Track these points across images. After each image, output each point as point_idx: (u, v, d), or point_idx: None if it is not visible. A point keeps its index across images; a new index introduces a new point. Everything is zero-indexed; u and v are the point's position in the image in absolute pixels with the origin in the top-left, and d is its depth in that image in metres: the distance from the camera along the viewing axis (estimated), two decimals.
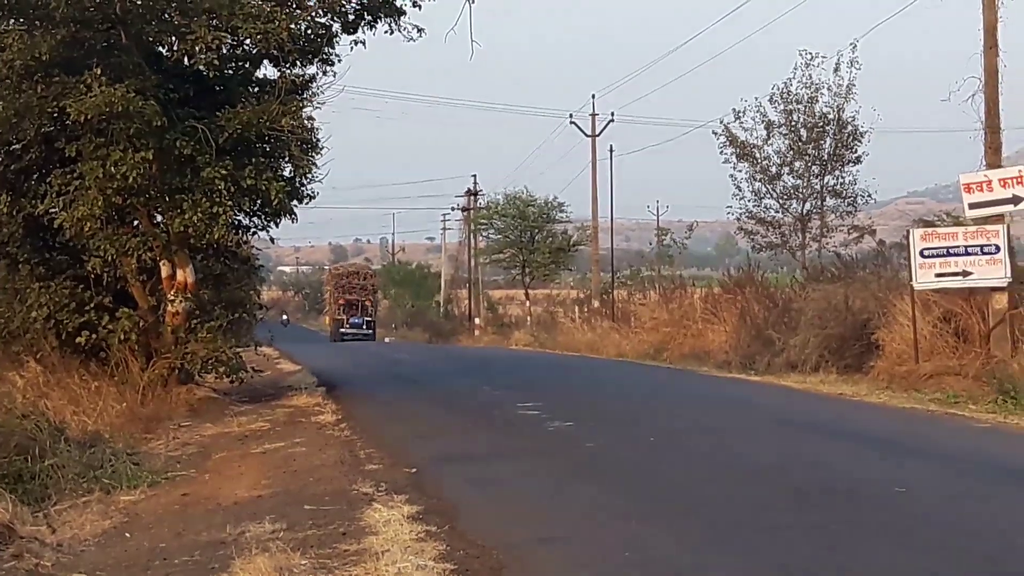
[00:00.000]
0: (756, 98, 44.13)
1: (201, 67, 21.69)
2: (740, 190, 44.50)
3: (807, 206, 43.90)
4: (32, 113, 20.76)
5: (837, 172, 43.43)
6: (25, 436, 15.58)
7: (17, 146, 22.07)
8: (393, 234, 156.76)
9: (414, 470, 14.74)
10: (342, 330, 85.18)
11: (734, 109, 44.19)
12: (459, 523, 11.43)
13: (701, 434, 18.48)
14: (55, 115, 20.93)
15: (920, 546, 10.31)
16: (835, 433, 18.42)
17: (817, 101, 42.97)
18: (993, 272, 23.83)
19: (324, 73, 23.88)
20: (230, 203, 21.41)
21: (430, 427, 20.09)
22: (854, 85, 42.52)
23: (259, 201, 22.55)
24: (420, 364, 38.65)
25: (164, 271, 22.65)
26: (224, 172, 21.13)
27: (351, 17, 23.37)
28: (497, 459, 16.07)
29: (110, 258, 21.91)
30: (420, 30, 23.63)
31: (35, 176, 22.61)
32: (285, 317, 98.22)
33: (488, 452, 16.80)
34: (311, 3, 22.62)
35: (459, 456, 16.29)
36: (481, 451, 16.92)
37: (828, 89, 42.78)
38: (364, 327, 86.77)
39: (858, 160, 43.32)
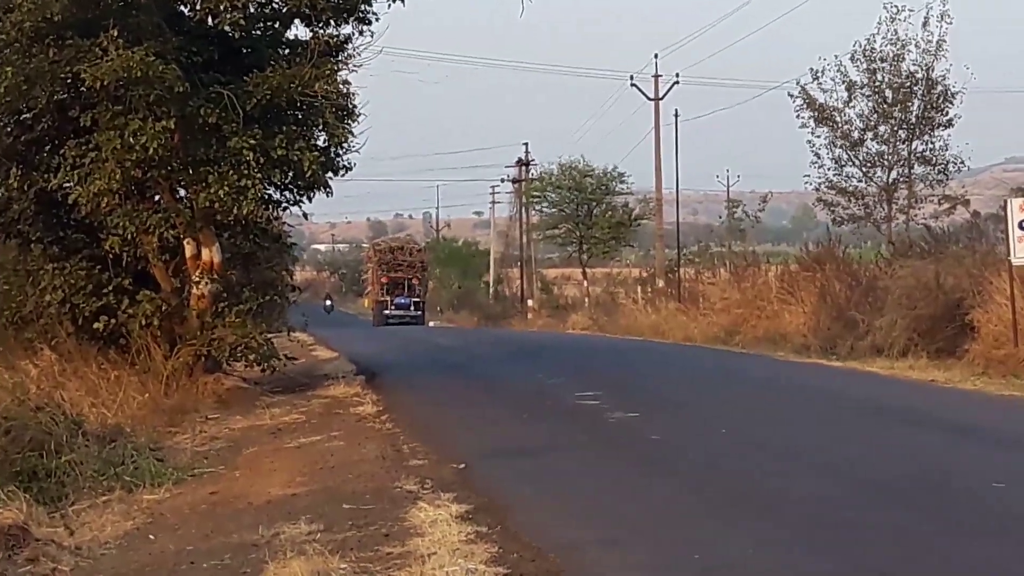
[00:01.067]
0: (836, 56, 44.01)
1: (226, 27, 21.73)
2: (819, 157, 44.52)
3: (893, 174, 43.84)
4: (44, 79, 20.85)
5: (926, 137, 43.37)
6: (40, 430, 15.69)
7: (28, 115, 22.15)
8: (437, 208, 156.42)
9: (462, 465, 14.76)
10: (386, 312, 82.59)
11: (812, 69, 44.23)
12: (512, 523, 11.43)
13: (777, 425, 18.45)
14: (68, 81, 21.01)
15: (1017, 545, 10.26)
16: (925, 423, 18.36)
17: (904, 59, 42.91)
18: None
19: (361, 33, 23.86)
20: (259, 175, 21.45)
21: (479, 419, 20.12)
22: (945, 41, 42.45)
23: (291, 173, 22.57)
24: (468, 350, 38.73)
25: (188, 250, 22.73)
26: (252, 142, 21.17)
27: None
28: (553, 453, 16.08)
29: (129, 236, 21.98)
30: None
31: (47, 148, 22.69)
32: (329, 302, 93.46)
33: (543, 445, 16.80)
34: None
35: (511, 450, 16.32)
36: (536, 444, 16.92)
37: (916, 45, 42.74)
38: (411, 308, 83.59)
39: (949, 123, 43.23)
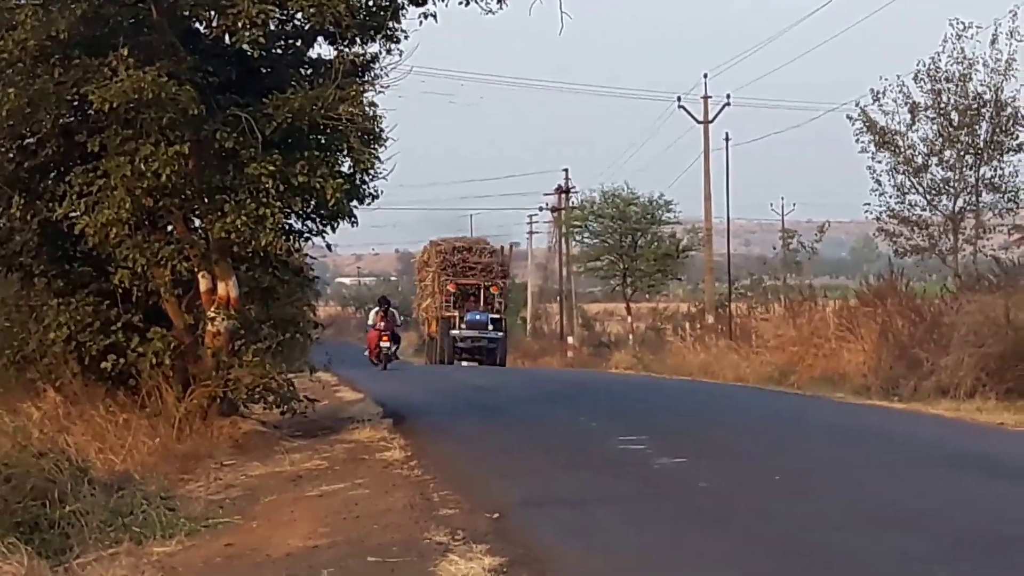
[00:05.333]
0: (898, 76, 43.93)
1: (245, 46, 21.74)
2: (880, 184, 44.46)
3: (959, 202, 43.75)
4: (48, 102, 20.89)
5: (995, 162, 43.29)
6: (43, 478, 15.67)
7: (32, 140, 22.22)
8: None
9: (497, 515, 14.69)
10: (453, 333, 67.29)
11: (872, 89, 44.17)
12: None
13: (836, 473, 18.35)
14: (75, 104, 21.07)
15: None
16: (995, 471, 18.24)
17: (971, 79, 42.83)
18: None
19: (389, 52, 23.87)
20: (279, 204, 21.45)
21: (515, 465, 20.05)
22: (1015, 60, 42.30)
23: (313, 201, 22.57)
24: (503, 390, 38.66)
25: (203, 284, 22.74)
26: (272, 168, 21.17)
27: None
28: (595, 503, 16.01)
29: (140, 269, 21.99)
30: (500, 1, 23.62)
31: (52, 175, 22.74)
32: (395, 346, 61.08)
33: (584, 494, 16.74)
34: None
35: (550, 499, 16.25)
36: (576, 493, 16.85)
37: (984, 65, 42.63)
38: (488, 328, 67.65)
39: (1020, 148, 43.11)
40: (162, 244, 22.16)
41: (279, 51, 23.13)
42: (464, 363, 65.35)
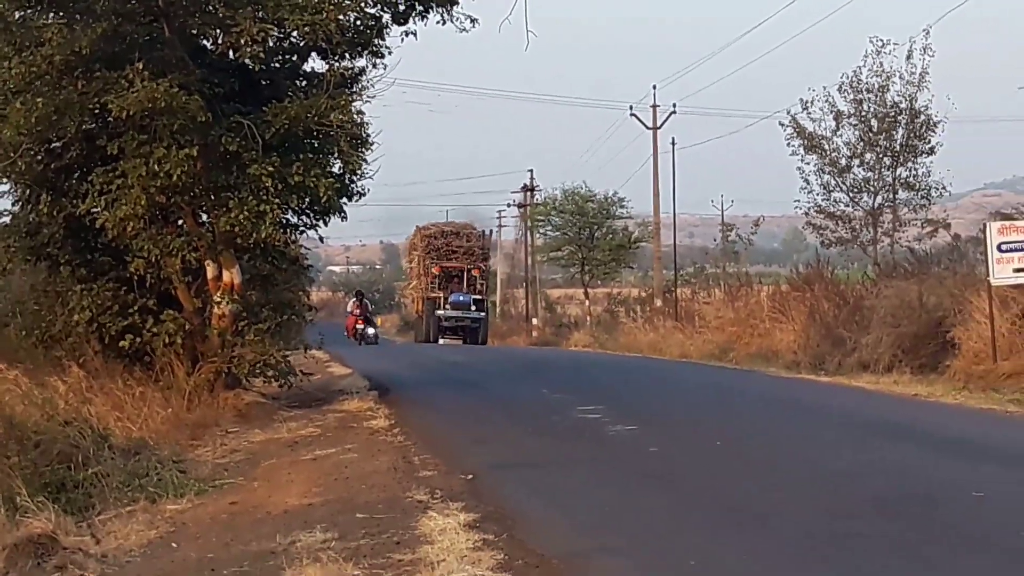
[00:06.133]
0: (824, 87, 44.12)
1: (247, 60, 21.68)
2: (808, 183, 44.53)
3: (878, 199, 43.84)
4: (72, 110, 20.80)
5: (910, 164, 43.38)
6: (68, 444, 15.64)
7: (57, 144, 22.12)
8: None
9: (470, 476, 14.70)
10: (439, 313, 63.62)
11: (801, 99, 44.21)
12: (518, 531, 11.38)
13: (770, 439, 18.38)
14: (96, 112, 20.96)
15: (1003, 555, 10.20)
16: (910, 436, 18.29)
17: (888, 90, 42.94)
18: None
19: (374, 66, 23.84)
20: (277, 201, 21.41)
21: (487, 432, 20.05)
22: (927, 73, 42.47)
23: (307, 199, 22.52)
24: (476, 366, 38.61)
25: (210, 272, 22.68)
26: (271, 169, 21.13)
27: (402, 7, 23.32)
28: (557, 465, 16.03)
29: (154, 259, 21.92)
30: (473, 20, 23.59)
31: (76, 175, 22.65)
32: (372, 330, 62.16)
33: (548, 458, 16.76)
34: None
35: (517, 462, 16.26)
36: (540, 456, 16.87)
37: (900, 77, 42.75)
38: (471, 308, 64.34)
39: (932, 151, 43.24)
40: (173, 236, 22.10)
41: (277, 65, 23.09)
42: (443, 341, 63.18)
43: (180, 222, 22.74)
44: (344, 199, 23.43)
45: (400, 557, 10.59)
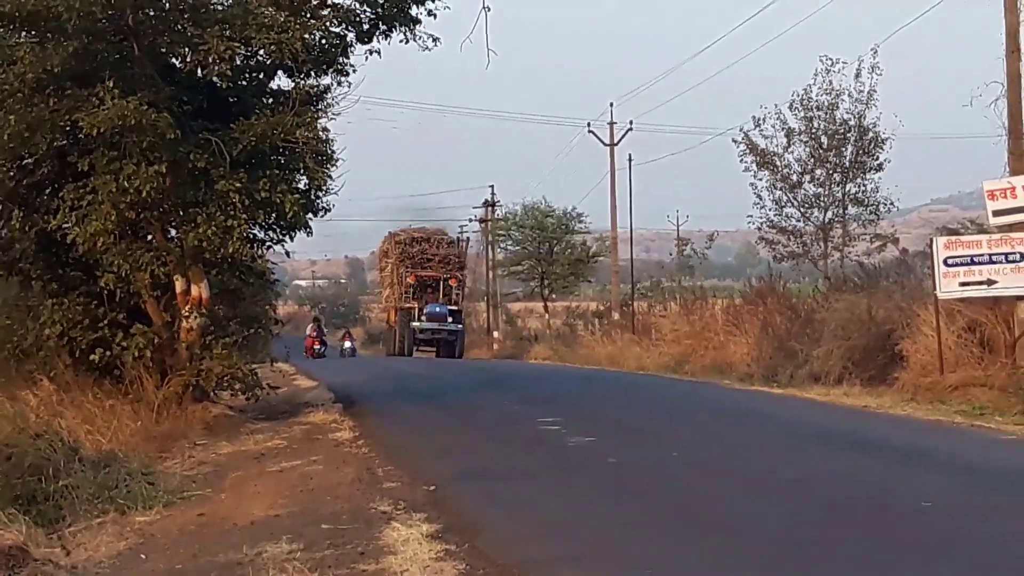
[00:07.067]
0: (776, 105, 44.12)
1: (214, 78, 21.66)
2: (760, 199, 44.62)
3: (829, 215, 43.96)
4: (44, 127, 20.72)
5: (859, 180, 43.53)
6: (39, 456, 15.53)
7: (29, 160, 22.01)
8: None
9: (433, 488, 14.64)
10: (414, 325, 59.99)
11: (754, 116, 44.33)
12: (479, 541, 11.35)
13: (725, 448, 18.38)
14: (67, 129, 20.89)
15: (950, 562, 10.22)
16: (860, 446, 18.30)
17: (838, 108, 43.11)
18: (1018, 280, 23.75)
19: (339, 84, 23.85)
20: (244, 216, 21.35)
21: (449, 443, 19.99)
22: (875, 91, 42.67)
23: (274, 214, 22.47)
24: (438, 379, 38.54)
25: (179, 286, 22.59)
26: (238, 185, 21.07)
27: (366, 26, 23.33)
28: (518, 475, 15.98)
29: (124, 274, 21.82)
30: (435, 39, 23.63)
31: (48, 191, 22.55)
32: (349, 345, 67.92)
33: (509, 468, 16.71)
34: (325, 12, 22.57)
35: (479, 473, 16.20)
36: (501, 467, 16.82)
37: (849, 95, 42.91)
38: (447, 320, 60.81)
39: (880, 167, 43.42)
40: (143, 251, 22.00)
41: (244, 83, 23.02)
42: (417, 354, 60.51)
43: (149, 237, 22.66)
44: (310, 214, 23.41)
45: (364, 567, 10.54)
